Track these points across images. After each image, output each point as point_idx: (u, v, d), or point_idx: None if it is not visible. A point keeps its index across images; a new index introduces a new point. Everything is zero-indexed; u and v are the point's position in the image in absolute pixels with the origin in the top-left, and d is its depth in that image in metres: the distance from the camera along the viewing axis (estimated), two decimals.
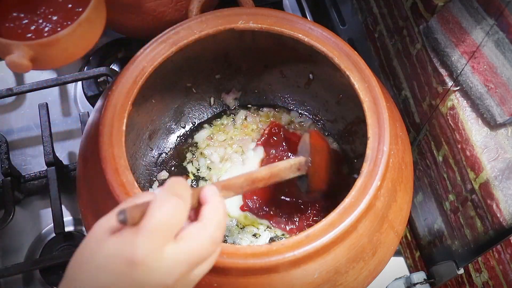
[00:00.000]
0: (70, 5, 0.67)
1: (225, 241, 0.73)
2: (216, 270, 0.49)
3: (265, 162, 0.77)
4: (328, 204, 0.74)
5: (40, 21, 0.66)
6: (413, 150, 0.74)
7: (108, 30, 0.90)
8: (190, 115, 0.82)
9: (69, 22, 0.65)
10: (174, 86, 0.76)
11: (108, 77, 0.85)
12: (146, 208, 0.38)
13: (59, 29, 0.65)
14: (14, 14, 0.66)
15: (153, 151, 0.78)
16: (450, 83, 0.62)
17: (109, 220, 0.39)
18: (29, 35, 0.65)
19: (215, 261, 0.42)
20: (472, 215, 0.62)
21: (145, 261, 0.36)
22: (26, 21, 0.65)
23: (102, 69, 0.84)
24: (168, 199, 0.38)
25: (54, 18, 0.66)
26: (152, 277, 0.37)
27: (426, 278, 0.74)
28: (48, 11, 0.67)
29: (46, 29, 0.66)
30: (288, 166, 0.57)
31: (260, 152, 0.78)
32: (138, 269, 0.36)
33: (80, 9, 0.67)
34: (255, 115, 0.82)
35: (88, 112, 0.83)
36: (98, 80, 0.90)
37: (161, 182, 0.76)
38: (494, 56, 0.54)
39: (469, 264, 0.64)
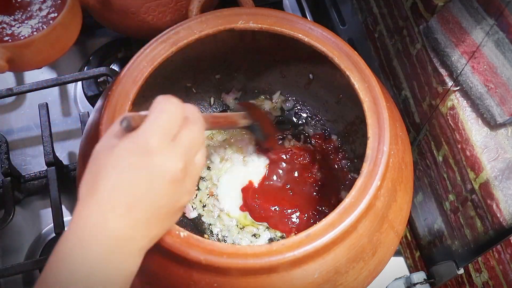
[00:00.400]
0: (45, 11, 0.72)
1: (224, 241, 0.73)
2: (216, 270, 0.49)
3: (271, 165, 0.77)
4: (326, 205, 0.74)
5: (17, 25, 0.70)
6: (413, 150, 0.74)
7: (108, 30, 0.90)
8: None
9: (44, 27, 0.70)
10: (174, 86, 0.76)
11: (108, 77, 0.85)
12: (145, 117, 0.41)
13: (35, 33, 0.69)
14: None
15: None
16: (450, 83, 0.62)
17: (111, 132, 0.42)
18: (6, 38, 0.69)
19: (206, 155, 0.47)
20: (472, 215, 0.62)
21: (160, 148, 0.40)
22: (4, 25, 0.70)
23: (102, 69, 0.84)
24: (168, 100, 0.43)
25: (31, 23, 0.71)
26: (168, 162, 0.40)
27: (426, 278, 0.74)
28: (25, 16, 0.71)
29: (23, 33, 0.70)
30: (236, 114, 0.66)
31: (265, 158, 0.78)
32: (155, 156, 0.40)
33: (56, 15, 0.71)
34: None
35: (88, 112, 0.83)
36: (98, 80, 0.90)
37: None
38: (494, 56, 0.54)
39: (469, 264, 0.64)
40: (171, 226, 0.45)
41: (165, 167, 0.40)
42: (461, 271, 0.66)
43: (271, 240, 0.73)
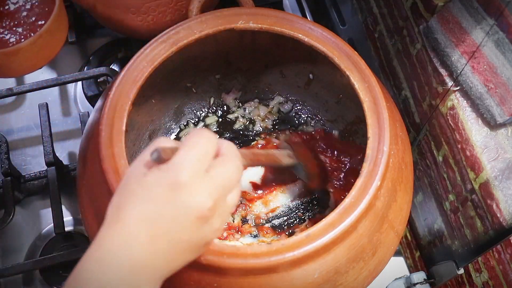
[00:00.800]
0: (33, 18, 0.74)
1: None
2: (216, 270, 0.49)
3: (264, 177, 0.77)
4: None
5: (6, 32, 0.73)
6: (413, 150, 0.74)
7: (108, 30, 0.90)
8: (190, 115, 0.82)
9: (32, 34, 0.72)
10: (174, 86, 0.76)
11: (108, 77, 0.85)
12: (176, 148, 0.41)
13: (22, 40, 0.72)
14: None
15: None
16: (450, 83, 0.62)
17: (143, 159, 0.42)
18: None
19: (239, 194, 0.45)
20: (472, 215, 0.62)
21: (188, 183, 0.39)
22: None
23: (102, 69, 0.84)
24: (201, 134, 0.42)
25: (19, 30, 0.73)
26: (196, 199, 0.40)
27: (426, 278, 0.74)
28: (12, 23, 0.74)
29: (11, 40, 0.73)
30: (280, 152, 0.61)
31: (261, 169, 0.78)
32: (182, 192, 0.39)
33: (43, 22, 0.74)
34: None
35: (88, 112, 0.83)
36: (98, 80, 0.90)
37: None
38: (494, 56, 0.54)
39: (469, 264, 0.64)
40: (193, 259, 0.44)
41: (192, 203, 0.40)
42: (461, 271, 0.66)
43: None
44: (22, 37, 0.73)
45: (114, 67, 0.92)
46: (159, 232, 0.39)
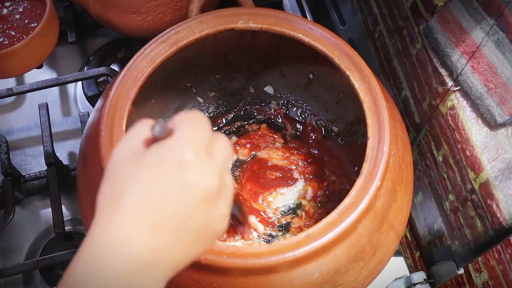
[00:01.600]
0: (26, 21, 0.78)
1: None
2: (216, 270, 0.49)
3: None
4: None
5: None
6: (413, 150, 0.74)
7: (108, 30, 0.90)
8: None
9: (25, 36, 0.76)
10: (174, 86, 0.76)
11: (108, 77, 0.85)
12: (173, 126, 0.38)
13: (16, 42, 0.76)
14: None
15: None
16: (450, 83, 0.62)
17: (134, 138, 0.39)
18: None
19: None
20: (472, 215, 0.62)
21: (194, 161, 0.36)
22: None
23: (102, 69, 0.84)
24: (195, 116, 0.39)
25: (12, 33, 0.77)
26: (202, 177, 0.37)
27: (426, 278, 0.74)
28: (6, 26, 0.77)
29: (5, 42, 0.76)
30: None
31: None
32: (188, 170, 0.36)
33: (35, 24, 0.77)
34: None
35: (88, 112, 0.83)
36: (98, 80, 0.90)
37: None
38: (494, 56, 0.54)
39: (469, 264, 0.64)
40: (201, 254, 0.39)
41: (199, 182, 0.36)
42: (461, 271, 0.66)
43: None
44: (15, 39, 0.76)
45: (114, 67, 0.92)
46: (162, 219, 0.35)
